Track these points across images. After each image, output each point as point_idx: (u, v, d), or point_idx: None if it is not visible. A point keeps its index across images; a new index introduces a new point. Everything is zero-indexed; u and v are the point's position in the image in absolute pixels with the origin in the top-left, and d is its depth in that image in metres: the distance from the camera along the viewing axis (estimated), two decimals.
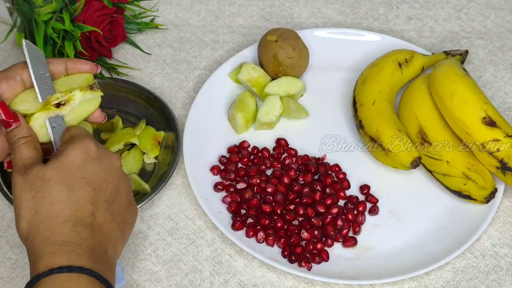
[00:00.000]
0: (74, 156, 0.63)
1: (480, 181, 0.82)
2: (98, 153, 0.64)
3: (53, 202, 0.61)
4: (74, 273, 0.58)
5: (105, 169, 0.64)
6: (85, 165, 0.63)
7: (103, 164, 0.64)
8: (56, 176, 0.62)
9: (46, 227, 0.60)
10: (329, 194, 0.84)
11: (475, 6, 1.10)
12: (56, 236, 0.60)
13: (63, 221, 0.60)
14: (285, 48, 0.92)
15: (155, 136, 0.89)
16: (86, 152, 0.63)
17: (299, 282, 0.78)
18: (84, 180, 0.62)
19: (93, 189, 0.62)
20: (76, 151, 0.63)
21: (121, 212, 0.65)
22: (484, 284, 0.78)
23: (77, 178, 0.62)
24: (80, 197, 0.62)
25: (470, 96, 0.82)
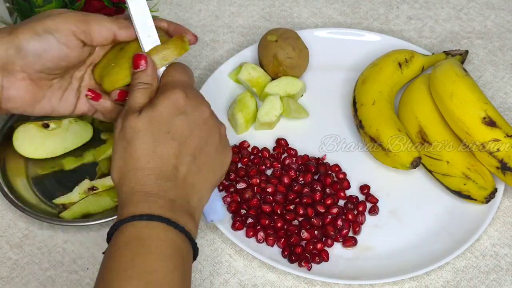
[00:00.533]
0: (163, 109, 0.64)
1: (480, 181, 0.82)
2: (186, 105, 0.65)
3: (139, 155, 0.63)
4: (153, 221, 0.60)
5: (192, 122, 0.65)
6: (172, 118, 0.64)
7: (190, 117, 0.65)
8: (145, 128, 0.63)
9: (132, 178, 0.63)
10: (329, 194, 0.84)
11: (475, 6, 1.10)
12: (140, 187, 0.62)
13: (147, 174, 0.62)
14: (285, 48, 0.92)
15: None
16: (175, 105, 0.64)
17: (299, 282, 0.78)
18: (169, 135, 0.64)
19: (178, 144, 0.64)
20: (165, 103, 0.64)
21: (209, 162, 0.67)
22: (484, 284, 0.78)
23: (163, 131, 0.63)
24: (165, 151, 0.63)
25: (470, 96, 0.82)
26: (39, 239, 0.82)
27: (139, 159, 0.63)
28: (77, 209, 0.82)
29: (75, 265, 0.79)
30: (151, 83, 0.67)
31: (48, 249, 0.81)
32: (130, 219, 0.61)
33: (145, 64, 0.67)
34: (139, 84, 0.66)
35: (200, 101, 0.67)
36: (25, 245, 0.81)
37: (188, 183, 0.65)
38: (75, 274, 0.79)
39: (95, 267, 0.79)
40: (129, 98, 0.66)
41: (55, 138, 0.87)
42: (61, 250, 0.81)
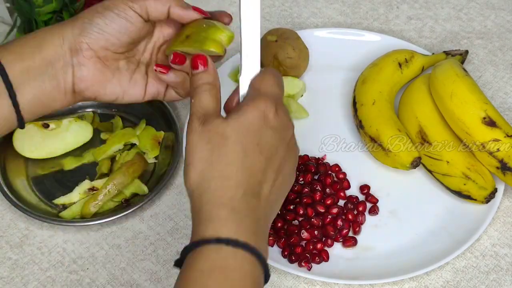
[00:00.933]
0: (254, 119, 0.60)
1: (480, 181, 0.82)
2: (275, 121, 0.61)
3: (228, 162, 0.59)
4: (239, 248, 0.56)
5: (278, 139, 0.62)
6: (262, 131, 0.60)
7: (277, 133, 0.62)
8: (235, 135, 0.59)
9: (218, 186, 0.58)
10: (329, 194, 0.84)
11: (475, 6, 1.10)
12: (227, 199, 0.57)
13: (236, 186, 0.58)
14: (285, 48, 0.92)
15: (155, 136, 0.89)
16: (265, 117, 0.61)
17: (299, 282, 0.78)
18: (258, 148, 0.60)
19: (265, 158, 0.60)
20: (257, 113, 0.60)
21: (285, 183, 0.64)
22: (484, 284, 0.78)
23: (253, 143, 0.60)
24: (253, 164, 0.59)
25: (470, 96, 0.82)
26: (39, 239, 0.82)
27: (228, 166, 0.58)
28: (77, 209, 0.82)
29: (75, 265, 0.79)
30: (214, 83, 0.64)
31: (48, 249, 0.81)
32: (215, 241, 0.56)
33: (204, 64, 0.64)
34: (203, 86, 0.63)
35: (287, 119, 0.63)
36: (25, 245, 0.81)
37: (270, 201, 0.61)
38: (75, 274, 0.79)
39: (95, 267, 0.79)
40: (195, 101, 0.63)
41: (55, 138, 0.87)
42: (61, 250, 0.81)
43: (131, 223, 0.83)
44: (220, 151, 0.59)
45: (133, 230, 0.83)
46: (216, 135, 0.59)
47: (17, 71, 0.65)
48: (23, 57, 0.66)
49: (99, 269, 0.79)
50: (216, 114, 0.62)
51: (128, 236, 0.82)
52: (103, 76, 0.70)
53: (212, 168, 0.59)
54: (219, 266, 0.55)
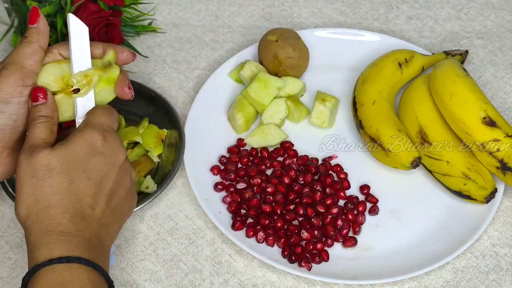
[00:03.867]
0: (80, 148, 0.63)
1: (480, 181, 0.82)
2: (103, 147, 0.64)
3: (53, 192, 0.61)
4: (73, 263, 0.59)
5: (108, 164, 0.64)
6: (89, 158, 0.63)
7: (106, 159, 0.64)
8: (59, 166, 0.62)
9: (45, 216, 0.60)
10: (329, 194, 0.84)
11: (475, 6, 1.10)
12: (54, 226, 0.60)
13: (62, 212, 0.61)
14: (285, 48, 0.92)
15: (158, 134, 0.89)
16: (92, 145, 0.64)
17: (299, 282, 0.78)
18: (85, 174, 0.63)
19: (93, 184, 0.63)
20: (83, 142, 0.63)
21: (120, 205, 0.66)
22: (484, 284, 0.78)
23: (79, 171, 0.62)
24: (80, 190, 0.62)
25: (470, 96, 0.82)
26: None
27: (52, 196, 0.61)
28: None
29: None
30: (51, 116, 0.65)
31: None
32: (48, 263, 0.58)
33: (44, 97, 0.65)
34: (39, 118, 0.64)
35: (117, 146, 0.66)
36: (25, 245, 0.81)
37: (102, 223, 0.63)
38: None
39: None
40: (29, 134, 0.64)
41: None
42: None
43: (131, 223, 0.83)
44: (44, 183, 0.61)
45: (133, 230, 0.83)
46: (41, 167, 0.61)
47: None
48: None
49: None
50: (45, 145, 0.63)
51: (128, 236, 0.82)
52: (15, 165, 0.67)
53: (37, 202, 0.61)
54: (57, 282, 0.58)
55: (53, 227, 0.60)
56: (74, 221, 0.61)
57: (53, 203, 0.61)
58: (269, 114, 0.90)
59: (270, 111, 0.90)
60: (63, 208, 0.61)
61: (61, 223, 0.60)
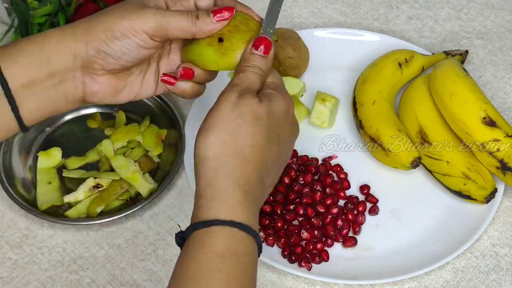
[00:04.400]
0: (280, 110, 0.61)
1: (480, 181, 0.82)
2: (290, 117, 0.63)
3: (253, 144, 0.59)
4: (250, 236, 0.56)
5: (292, 135, 0.64)
6: (284, 123, 0.62)
7: (292, 129, 0.64)
8: (265, 119, 0.60)
9: (238, 164, 0.58)
10: (329, 194, 0.84)
11: (475, 6, 1.10)
12: (244, 181, 0.58)
13: (253, 169, 0.59)
14: (285, 48, 0.92)
15: (158, 134, 0.89)
16: (288, 111, 0.63)
17: (299, 282, 0.78)
18: (278, 138, 0.61)
19: (279, 150, 0.62)
20: (282, 104, 0.62)
21: (278, 173, 0.64)
22: (484, 284, 0.78)
23: (275, 133, 0.61)
24: (270, 152, 0.60)
25: (470, 96, 0.82)
26: (39, 239, 0.82)
27: (251, 148, 0.58)
28: (82, 208, 0.82)
29: (75, 265, 0.79)
30: (265, 72, 0.64)
31: (48, 249, 0.81)
32: (230, 223, 0.56)
33: (267, 51, 0.64)
34: (255, 67, 0.63)
35: (296, 120, 0.66)
36: (25, 245, 0.81)
37: (267, 191, 0.63)
38: (75, 274, 0.79)
39: (95, 267, 0.79)
40: (242, 76, 0.62)
41: None
42: (61, 250, 0.81)
43: (131, 223, 0.83)
44: (248, 130, 0.59)
45: (133, 230, 0.83)
46: (249, 111, 0.59)
47: (21, 83, 0.63)
48: (28, 70, 0.63)
49: (99, 269, 0.79)
50: (255, 94, 0.62)
51: (128, 236, 0.82)
52: (115, 89, 0.68)
53: (235, 144, 0.58)
54: (233, 251, 0.55)
55: (243, 181, 0.58)
56: (257, 184, 0.59)
57: (250, 155, 0.58)
58: None
59: None
60: (255, 166, 0.59)
61: (249, 182, 0.58)
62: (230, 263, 0.55)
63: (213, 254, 0.55)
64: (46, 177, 0.85)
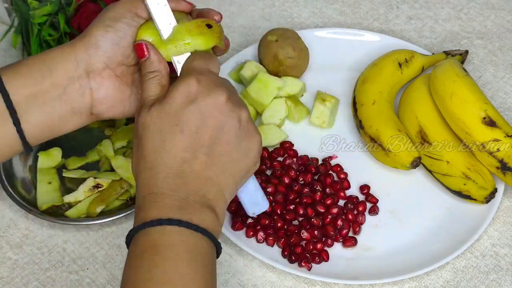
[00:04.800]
0: (172, 100, 0.62)
1: (480, 181, 0.82)
2: (197, 93, 0.61)
3: (148, 152, 0.61)
4: (165, 225, 0.58)
5: (204, 111, 0.61)
6: (182, 109, 0.61)
7: (201, 104, 0.61)
8: (153, 124, 0.61)
9: (144, 178, 0.61)
10: (329, 194, 0.84)
11: (475, 6, 1.10)
12: (149, 188, 0.60)
13: (155, 173, 0.60)
14: (286, 48, 0.92)
15: None
16: (185, 93, 0.62)
17: (299, 282, 0.78)
18: (178, 128, 0.61)
19: (188, 136, 0.61)
20: (177, 94, 0.62)
21: (228, 151, 0.63)
22: (484, 284, 0.78)
23: (171, 125, 0.61)
24: (173, 146, 0.61)
25: (470, 96, 0.82)
26: (39, 239, 0.82)
27: (147, 157, 0.61)
28: (82, 208, 0.82)
29: (75, 265, 0.79)
30: (158, 70, 0.65)
31: (48, 249, 0.81)
32: (141, 226, 0.59)
33: (146, 51, 0.65)
34: (147, 74, 0.64)
35: (214, 86, 0.62)
36: (25, 245, 0.81)
37: (203, 176, 0.61)
38: (75, 274, 0.79)
39: (95, 267, 0.79)
40: (141, 92, 0.64)
41: None
42: (61, 250, 0.81)
43: (131, 223, 0.83)
44: (142, 142, 0.62)
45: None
46: (140, 126, 0.62)
47: (23, 96, 0.64)
48: (30, 82, 0.64)
49: (99, 269, 0.79)
50: (148, 104, 0.63)
51: None
52: (122, 94, 0.69)
53: (138, 163, 0.62)
54: (150, 246, 0.58)
55: (148, 190, 0.60)
56: (167, 181, 0.60)
57: (148, 164, 0.61)
58: (269, 114, 0.90)
59: (270, 111, 0.90)
60: (157, 169, 0.60)
61: (154, 185, 0.60)
62: (149, 256, 0.57)
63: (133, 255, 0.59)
64: (46, 177, 0.85)
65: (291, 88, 0.92)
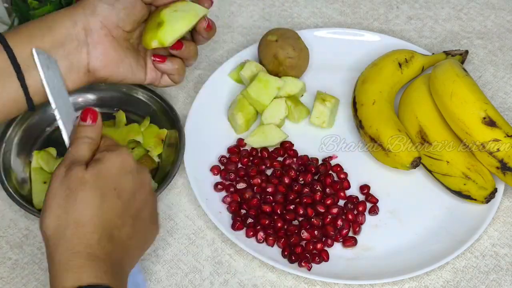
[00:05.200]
0: (111, 165, 0.63)
1: (480, 181, 0.82)
2: (133, 167, 0.64)
3: (84, 207, 0.60)
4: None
5: (136, 184, 0.64)
6: (120, 176, 0.63)
7: (135, 179, 0.64)
8: (92, 181, 0.61)
9: (74, 233, 0.59)
10: (329, 194, 0.84)
11: (475, 6, 1.10)
12: (83, 247, 0.59)
13: (91, 231, 0.59)
14: (286, 48, 0.92)
15: (158, 134, 0.89)
16: (123, 163, 0.64)
17: (299, 282, 0.78)
18: (116, 192, 0.62)
19: (122, 202, 0.62)
20: (115, 160, 0.63)
21: (143, 229, 0.65)
22: (484, 284, 0.78)
23: (110, 188, 0.62)
24: (110, 208, 0.61)
25: (470, 96, 0.82)
26: (39, 239, 0.82)
27: (83, 211, 0.60)
28: None
29: None
30: (95, 139, 0.66)
31: None
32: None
33: (94, 120, 0.66)
34: (85, 138, 0.65)
35: (143, 168, 0.67)
36: (25, 245, 0.81)
37: (125, 246, 0.62)
38: None
39: None
40: (72, 149, 0.65)
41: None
42: None
43: None
44: (77, 197, 0.60)
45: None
46: (75, 180, 0.61)
47: (26, 53, 0.67)
48: (32, 39, 0.67)
49: None
50: (83, 163, 0.63)
51: None
52: (117, 55, 0.74)
53: (67, 215, 0.60)
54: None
55: (81, 248, 0.59)
56: (102, 243, 0.60)
57: (83, 219, 0.60)
58: (269, 114, 0.90)
59: (270, 111, 0.90)
60: (93, 227, 0.60)
61: (89, 245, 0.59)
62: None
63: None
64: (41, 177, 0.85)
65: (291, 88, 0.92)
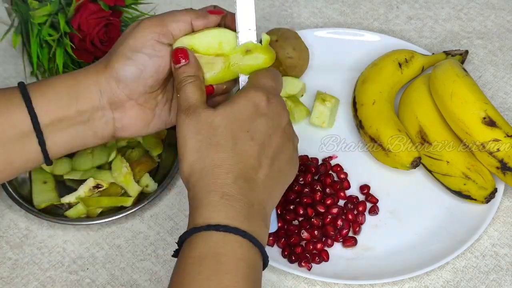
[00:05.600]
0: (244, 108, 0.62)
1: (480, 181, 0.82)
2: (267, 109, 0.63)
3: (218, 150, 0.60)
4: (231, 233, 0.57)
5: (271, 127, 0.63)
6: (253, 119, 0.62)
7: (270, 121, 0.63)
8: (224, 125, 0.61)
9: (209, 173, 0.60)
10: (329, 194, 0.84)
11: (475, 6, 1.10)
12: (218, 186, 0.59)
13: (226, 171, 0.60)
14: (286, 48, 0.92)
15: (158, 134, 0.89)
16: (256, 106, 0.63)
17: (299, 282, 0.78)
18: (249, 134, 0.62)
19: (257, 145, 0.62)
20: (247, 103, 0.63)
21: (283, 169, 0.65)
22: (484, 284, 0.78)
23: (243, 130, 0.61)
24: (244, 150, 0.61)
25: (470, 96, 0.82)
26: (39, 239, 0.82)
27: (217, 154, 0.60)
28: (82, 208, 0.82)
29: (75, 265, 0.79)
30: (197, 75, 0.65)
31: (48, 249, 0.81)
32: (206, 228, 0.57)
33: (186, 58, 0.66)
34: (186, 79, 0.65)
35: (281, 108, 0.65)
36: (25, 245, 0.81)
37: (266, 187, 0.62)
38: (75, 274, 0.79)
39: (95, 267, 0.79)
40: (181, 95, 0.64)
41: None
42: (61, 250, 0.81)
43: (131, 223, 0.83)
44: (210, 141, 0.61)
45: (133, 230, 0.83)
46: (205, 125, 0.61)
47: (50, 120, 0.65)
48: (57, 107, 0.65)
49: (99, 269, 0.79)
50: (203, 105, 0.63)
51: (128, 236, 0.82)
52: (145, 120, 0.70)
53: (202, 157, 0.61)
54: (211, 253, 0.56)
55: (217, 187, 0.59)
56: (237, 183, 0.59)
57: (217, 161, 0.60)
58: None
59: None
60: (227, 168, 0.60)
61: (225, 184, 0.59)
62: (209, 263, 0.56)
63: (191, 259, 0.57)
64: (41, 177, 0.85)
65: (291, 88, 0.92)
